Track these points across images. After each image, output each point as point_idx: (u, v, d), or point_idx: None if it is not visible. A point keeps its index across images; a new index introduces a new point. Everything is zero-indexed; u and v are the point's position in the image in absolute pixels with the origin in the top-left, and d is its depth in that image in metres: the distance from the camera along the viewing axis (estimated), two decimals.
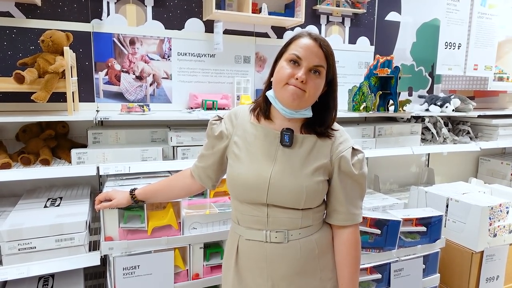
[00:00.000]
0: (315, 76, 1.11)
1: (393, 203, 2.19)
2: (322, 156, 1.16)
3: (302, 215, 1.17)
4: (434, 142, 2.78)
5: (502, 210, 2.10)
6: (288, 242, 1.17)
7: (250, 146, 1.19)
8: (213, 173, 1.32)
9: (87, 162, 1.80)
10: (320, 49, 1.10)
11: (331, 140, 1.18)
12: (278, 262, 1.17)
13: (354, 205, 1.21)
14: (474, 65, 2.82)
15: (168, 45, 2.25)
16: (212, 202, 1.86)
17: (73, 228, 1.58)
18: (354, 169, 1.17)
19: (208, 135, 1.31)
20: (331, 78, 1.16)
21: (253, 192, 1.15)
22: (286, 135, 1.15)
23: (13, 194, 2.00)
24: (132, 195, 1.45)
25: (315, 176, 1.15)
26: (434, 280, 1.95)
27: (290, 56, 1.10)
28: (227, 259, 1.30)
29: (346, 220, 1.20)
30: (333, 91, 1.18)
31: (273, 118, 1.20)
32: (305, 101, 1.11)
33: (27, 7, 1.94)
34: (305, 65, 1.09)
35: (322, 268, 1.21)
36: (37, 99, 1.62)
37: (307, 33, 1.13)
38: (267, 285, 1.18)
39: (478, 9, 2.76)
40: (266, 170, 1.15)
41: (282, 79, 1.10)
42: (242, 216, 1.21)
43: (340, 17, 2.70)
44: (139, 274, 1.58)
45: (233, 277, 1.24)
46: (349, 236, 1.21)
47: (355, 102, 2.45)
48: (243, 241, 1.21)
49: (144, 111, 2.01)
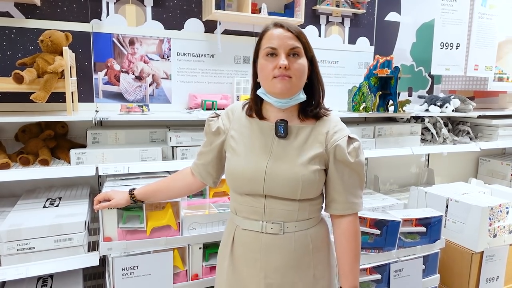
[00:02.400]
0: (295, 59, 1.12)
1: (392, 204, 2.19)
2: (317, 146, 1.17)
3: (299, 207, 1.17)
4: (434, 142, 2.77)
5: (502, 211, 2.09)
6: (283, 234, 1.18)
7: (246, 140, 1.21)
8: (213, 169, 1.34)
9: (86, 162, 1.79)
10: (289, 32, 1.13)
11: (326, 129, 1.19)
12: (272, 253, 1.18)
13: (352, 194, 1.21)
14: (475, 66, 2.81)
15: (168, 45, 2.25)
16: (212, 202, 1.86)
17: (72, 228, 1.57)
18: (350, 158, 1.17)
19: (206, 132, 1.33)
20: (311, 57, 1.18)
21: (250, 183, 1.17)
22: (280, 126, 1.17)
23: (12, 194, 2.00)
24: (131, 195, 1.45)
25: (311, 165, 1.15)
26: (434, 280, 1.95)
27: (265, 50, 1.13)
28: (223, 248, 1.31)
29: (344, 209, 1.20)
30: (315, 68, 1.20)
31: (267, 115, 1.22)
32: (295, 85, 1.13)
33: (27, 7, 1.94)
34: (282, 52, 1.11)
35: (316, 264, 1.21)
36: (36, 99, 1.62)
37: (272, 23, 1.16)
38: (260, 275, 1.19)
39: (478, 9, 2.76)
40: (262, 161, 1.16)
41: (268, 74, 1.12)
42: (240, 207, 1.23)
43: (339, 17, 2.70)
44: (138, 275, 1.57)
45: (228, 266, 1.25)
46: (348, 226, 1.21)
47: (354, 102, 2.44)
48: (240, 231, 1.23)
49: (144, 111, 2.01)
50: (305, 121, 1.21)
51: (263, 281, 1.18)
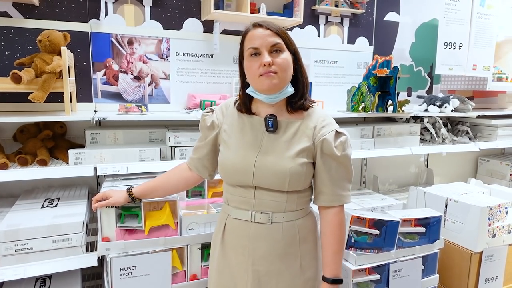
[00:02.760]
0: (277, 54, 1.17)
1: (392, 204, 2.18)
2: (305, 140, 1.22)
3: (287, 198, 1.23)
4: (433, 142, 2.77)
5: (501, 211, 2.09)
6: (271, 224, 1.24)
7: (238, 134, 1.27)
8: (208, 162, 1.39)
9: (84, 162, 1.79)
10: (268, 30, 1.17)
11: (314, 124, 1.24)
12: (260, 241, 1.24)
13: (339, 187, 1.25)
14: (473, 65, 2.81)
15: (167, 45, 2.25)
16: (210, 202, 1.86)
17: (70, 228, 1.57)
18: (336, 151, 1.21)
19: (201, 126, 1.38)
20: (293, 50, 1.22)
21: (240, 175, 1.23)
22: (270, 121, 1.22)
23: (11, 194, 2.00)
24: (129, 193, 1.47)
25: (299, 158, 1.20)
26: (433, 280, 1.94)
27: (249, 51, 1.18)
28: (215, 236, 1.38)
29: (331, 201, 1.25)
30: (299, 61, 1.24)
31: (257, 111, 1.28)
32: (282, 80, 1.18)
33: (25, 7, 1.93)
34: (264, 50, 1.16)
35: (303, 255, 1.26)
36: (34, 99, 1.62)
37: (251, 24, 1.20)
38: (247, 262, 1.25)
39: (477, 9, 2.76)
40: (252, 154, 1.22)
41: (254, 73, 1.17)
42: (231, 197, 1.29)
43: (339, 17, 2.69)
44: (137, 275, 1.57)
45: (219, 253, 1.32)
46: (333, 217, 1.26)
47: (354, 102, 2.44)
48: (231, 220, 1.30)
49: (142, 111, 2.00)
50: (294, 114, 1.26)
51: (250, 268, 1.24)
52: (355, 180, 2.89)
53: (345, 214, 1.73)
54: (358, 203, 2.17)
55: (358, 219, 1.73)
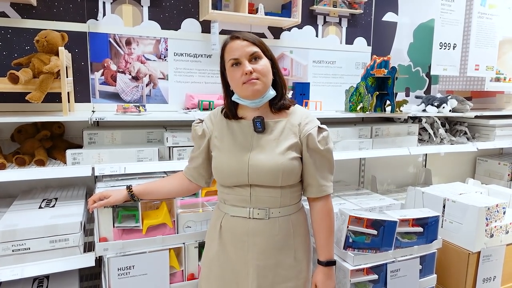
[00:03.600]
0: (256, 62, 1.26)
1: (390, 204, 2.19)
2: (292, 136, 1.32)
3: (281, 193, 1.31)
4: (431, 142, 2.78)
5: (499, 211, 2.09)
6: (269, 219, 1.32)
7: (229, 138, 1.35)
8: (204, 170, 1.46)
9: (82, 162, 1.79)
10: (245, 41, 1.26)
11: (298, 121, 1.34)
12: (259, 236, 1.31)
13: (324, 178, 1.36)
14: (475, 66, 2.81)
15: (165, 46, 2.25)
16: (204, 201, 1.87)
17: (68, 229, 1.57)
18: (320, 145, 1.32)
19: (193, 137, 1.46)
20: (270, 57, 1.31)
21: (236, 175, 1.30)
22: (258, 122, 1.31)
23: (8, 195, 1.99)
24: (129, 190, 1.48)
25: (289, 153, 1.29)
26: (430, 280, 1.95)
27: (230, 62, 1.27)
28: (210, 232, 1.44)
29: (318, 192, 1.35)
30: (275, 65, 1.34)
31: (244, 115, 1.35)
32: (264, 85, 1.27)
33: (23, 7, 1.93)
34: (244, 59, 1.25)
35: (297, 247, 1.36)
36: (32, 99, 1.62)
37: (229, 37, 1.29)
38: (247, 257, 1.32)
39: (478, 9, 2.76)
40: (245, 155, 1.30)
41: (238, 82, 1.26)
42: (228, 196, 1.36)
43: (337, 18, 2.70)
44: (134, 275, 1.57)
45: (218, 246, 1.37)
46: (322, 207, 1.37)
47: (352, 102, 2.44)
48: (228, 218, 1.36)
49: (140, 111, 2.00)
50: (278, 113, 1.35)
51: (250, 262, 1.31)
52: (353, 180, 2.89)
53: (343, 214, 1.75)
54: (356, 203, 2.17)
55: (356, 219, 1.73)
